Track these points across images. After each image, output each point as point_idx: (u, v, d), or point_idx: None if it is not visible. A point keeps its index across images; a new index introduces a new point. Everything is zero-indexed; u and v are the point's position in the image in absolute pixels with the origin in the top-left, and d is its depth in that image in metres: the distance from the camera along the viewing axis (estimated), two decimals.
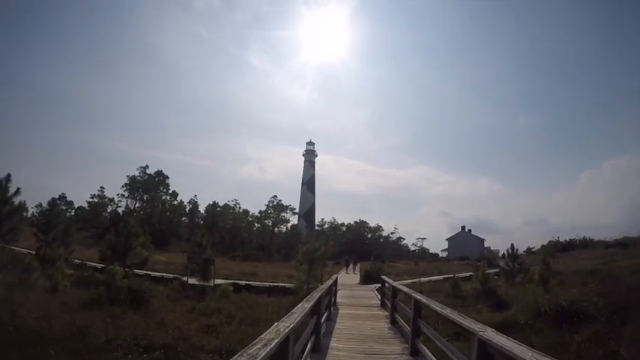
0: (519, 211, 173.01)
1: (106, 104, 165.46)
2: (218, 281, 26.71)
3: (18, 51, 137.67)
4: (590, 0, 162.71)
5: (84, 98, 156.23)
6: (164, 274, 30.07)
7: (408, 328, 9.37)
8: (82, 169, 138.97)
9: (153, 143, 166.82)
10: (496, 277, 30.25)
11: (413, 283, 30.38)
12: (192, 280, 25.35)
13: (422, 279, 33.83)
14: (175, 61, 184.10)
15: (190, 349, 12.55)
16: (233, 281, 28.08)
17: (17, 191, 22.12)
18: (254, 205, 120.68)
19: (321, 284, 18.71)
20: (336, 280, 18.08)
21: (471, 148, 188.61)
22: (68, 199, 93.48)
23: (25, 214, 44.25)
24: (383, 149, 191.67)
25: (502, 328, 15.93)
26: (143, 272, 28.49)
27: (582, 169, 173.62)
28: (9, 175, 21.44)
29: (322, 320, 10.15)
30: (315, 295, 7.83)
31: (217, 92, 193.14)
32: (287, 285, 26.60)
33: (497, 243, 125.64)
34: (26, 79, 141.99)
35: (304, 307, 6.01)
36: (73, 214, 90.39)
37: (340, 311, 15.09)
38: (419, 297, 8.11)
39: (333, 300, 15.65)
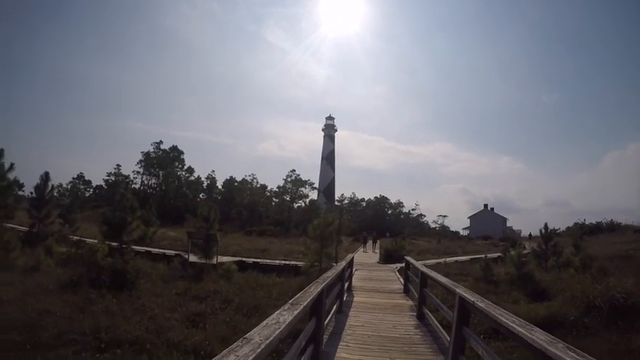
0: (540, 192, 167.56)
1: (124, 86, 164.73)
2: (223, 259, 24.34)
3: (37, 37, 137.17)
4: None
5: (103, 81, 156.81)
6: (166, 251, 27.77)
7: (444, 335, 6.70)
8: (102, 150, 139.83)
9: (171, 122, 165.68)
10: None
11: (438, 263, 27.77)
12: (194, 258, 22.97)
13: (447, 259, 30.99)
14: (191, 41, 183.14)
15: (163, 345, 9.94)
16: (239, 259, 25.64)
17: (11, 167, 20.19)
18: (273, 181, 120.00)
19: (336, 264, 16.06)
20: (351, 261, 15.21)
21: (492, 126, 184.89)
22: (87, 178, 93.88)
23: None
24: (402, 125, 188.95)
25: (549, 325, 13.16)
26: (143, 249, 26.45)
27: (606, 150, 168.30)
28: (2, 151, 19.48)
29: (327, 320, 7.53)
30: (314, 291, 5.04)
31: (234, 70, 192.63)
32: (299, 263, 23.99)
33: (517, 223, 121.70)
34: (45, 64, 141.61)
35: (279, 321, 3.26)
36: (91, 192, 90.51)
37: (355, 299, 12.36)
38: (468, 296, 5.27)
39: (347, 285, 13.00)
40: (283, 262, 26.53)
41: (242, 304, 14.51)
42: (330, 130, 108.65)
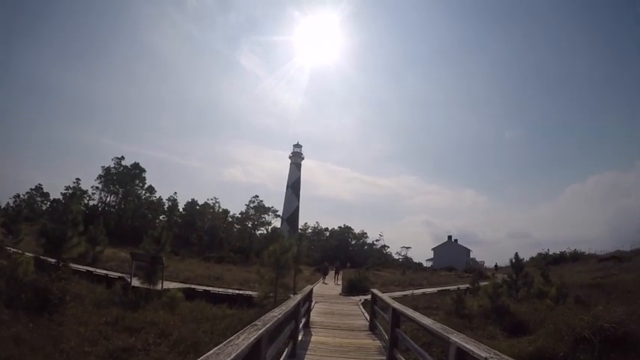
0: (503, 224, 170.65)
1: (91, 99, 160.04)
2: (171, 285, 22.23)
3: (4, 41, 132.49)
4: (579, 17, 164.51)
5: (69, 92, 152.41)
6: (109, 273, 25.33)
7: None
8: (65, 163, 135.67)
9: (138, 140, 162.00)
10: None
11: (404, 295, 26.08)
12: (137, 283, 20.71)
13: (414, 291, 29.30)
14: (164, 59, 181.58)
15: None
16: (188, 286, 23.59)
17: None
18: (237, 208, 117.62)
19: (294, 295, 14.20)
20: (309, 293, 13.32)
21: (456, 160, 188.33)
22: (45, 190, 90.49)
23: None
24: (369, 157, 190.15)
25: None
26: (84, 268, 24.14)
27: (567, 183, 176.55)
28: None
29: None
30: (241, 344, 3.17)
31: (205, 92, 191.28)
32: (254, 293, 21.85)
33: (480, 254, 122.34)
34: (12, 70, 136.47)
35: None
36: (48, 206, 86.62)
37: (313, 337, 10.45)
38: (474, 349, 3.54)
39: (303, 321, 11.13)
40: (237, 291, 24.46)
41: (180, 339, 12.49)
42: (296, 158, 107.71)
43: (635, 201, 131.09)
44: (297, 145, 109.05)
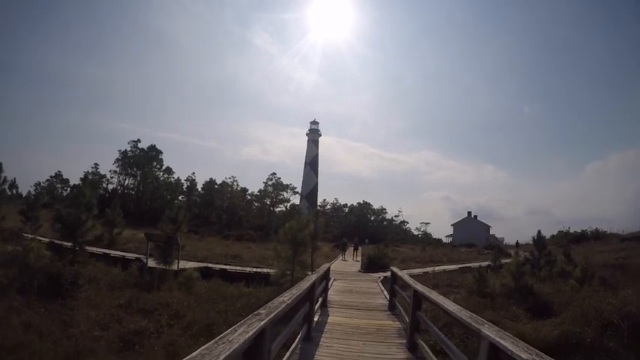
0: (522, 201, 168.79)
1: (107, 85, 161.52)
2: (188, 264, 21.99)
3: (18, 31, 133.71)
4: None
5: (86, 80, 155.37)
6: (126, 255, 25.24)
7: None
8: (85, 149, 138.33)
9: (156, 124, 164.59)
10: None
11: (425, 273, 25.54)
12: (153, 263, 20.48)
13: (435, 268, 28.65)
14: (177, 42, 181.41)
15: None
16: (205, 265, 23.35)
17: None
18: (256, 186, 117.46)
19: (311, 273, 13.77)
20: (326, 272, 12.82)
21: (476, 135, 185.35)
22: (65, 177, 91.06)
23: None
24: (388, 133, 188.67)
25: (564, 348, 11.18)
26: (101, 251, 24.15)
27: (588, 160, 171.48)
28: None
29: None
30: (237, 340, 2.70)
31: (220, 73, 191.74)
32: (272, 271, 21.45)
33: (499, 231, 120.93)
34: (26, 59, 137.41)
35: None
36: (68, 192, 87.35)
37: (330, 318, 10.01)
38: (510, 346, 2.99)
39: (320, 301, 10.69)
40: (254, 269, 24.15)
41: (193, 320, 12.13)
42: (314, 135, 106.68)
43: None
44: (314, 122, 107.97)
